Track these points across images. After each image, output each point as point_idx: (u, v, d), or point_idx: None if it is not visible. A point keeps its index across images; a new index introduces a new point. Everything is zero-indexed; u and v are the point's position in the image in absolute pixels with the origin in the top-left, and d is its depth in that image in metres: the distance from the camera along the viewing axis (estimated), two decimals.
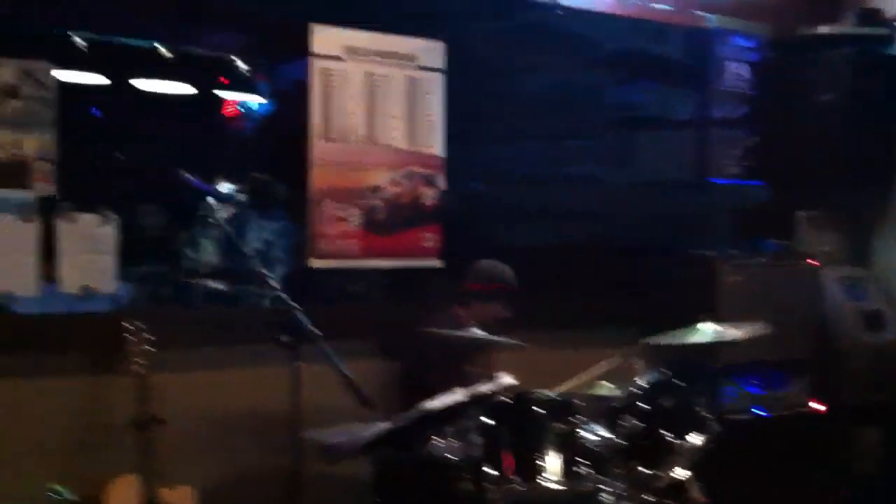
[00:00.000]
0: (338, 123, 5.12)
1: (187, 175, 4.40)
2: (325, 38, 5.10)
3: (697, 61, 6.36)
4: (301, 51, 5.11)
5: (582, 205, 5.88)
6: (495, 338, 4.35)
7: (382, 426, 3.78)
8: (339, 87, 5.12)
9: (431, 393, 3.84)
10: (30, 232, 4.29)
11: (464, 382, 3.96)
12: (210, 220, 4.75)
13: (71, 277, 4.38)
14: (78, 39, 4.86)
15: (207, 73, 5.80)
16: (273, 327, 3.90)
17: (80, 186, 4.55)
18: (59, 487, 4.11)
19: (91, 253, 4.41)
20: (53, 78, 4.38)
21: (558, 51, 5.76)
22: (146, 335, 4.22)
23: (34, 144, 4.31)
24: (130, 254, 4.61)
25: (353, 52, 5.16)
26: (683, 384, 4.19)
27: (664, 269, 5.63)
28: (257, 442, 4.59)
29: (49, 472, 4.24)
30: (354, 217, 5.15)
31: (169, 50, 5.35)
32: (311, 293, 4.62)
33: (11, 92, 4.25)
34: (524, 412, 3.79)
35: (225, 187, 5.38)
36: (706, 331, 4.49)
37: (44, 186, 4.34)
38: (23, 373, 4.21)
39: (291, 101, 5.25)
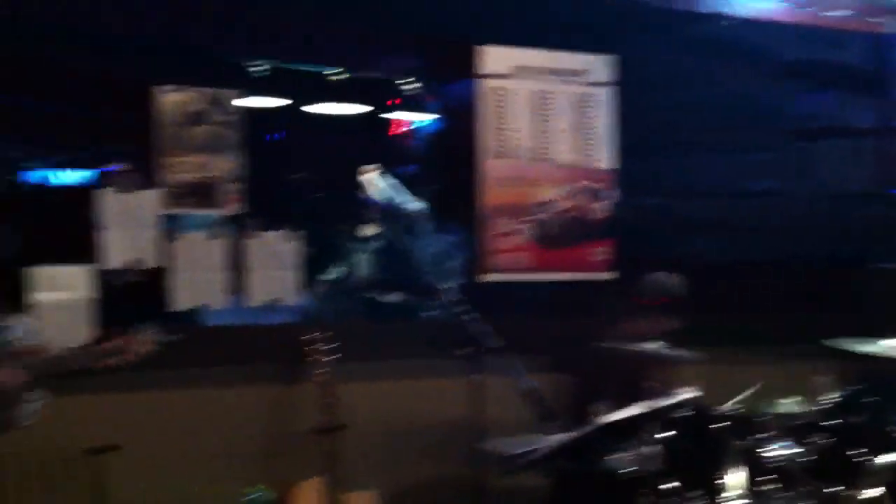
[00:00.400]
0: (507, 140, 5.20)
1: (366, 192, 4.54)
2: (494, 58, 5.19)
3: (876, 68, 6.14)
4: (469, 70, 5.22)
5: (760, 217, 5.74)
6: (671, 351, 4.30)
7: (560, 438, 3.79)
8: (508, 104, 5.21)
9: (606, 406, 3.83)
10: (219, 248, 4.54)
11: (640, 396, 3.93)
12: (387, 235, 4.89)
13: (258, 291, 4.61)
14: (260, 67, 5.11)
15: (379, 95, 6.00)
16: (452, 340, 3.97)
17: (265, 204, 4.78)
18: (255, 488, 4.30)
19: (276, 268, 4.63)
20: (239, 104, 4.64)
21: (733, 61, 5.66)
22: (329, 346, 4.40)
23: (223, 166, 4.57)
24: (313, 268, 4.81)
25: (522, 70, 5.23)
26: (874, 400, 4.04)
27: (849, 281, 5.44)
28: (437, 451, 4.69)
29: (238, 476, 4.44)
30: (525, 232, 5.22)
31: (343, 74, 5.56)
32: (482, 307, 4.69)
33: (201, 118, 4.52)
34: (705, 427, 3.74)
35: (400, 204, 5.53)
36: None
37: (232, 205, 4.60)
38: (213, 382, 4.44)
39: (459, 119, 5.36)
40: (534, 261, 5.23)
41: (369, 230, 5.14)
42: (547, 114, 5.26)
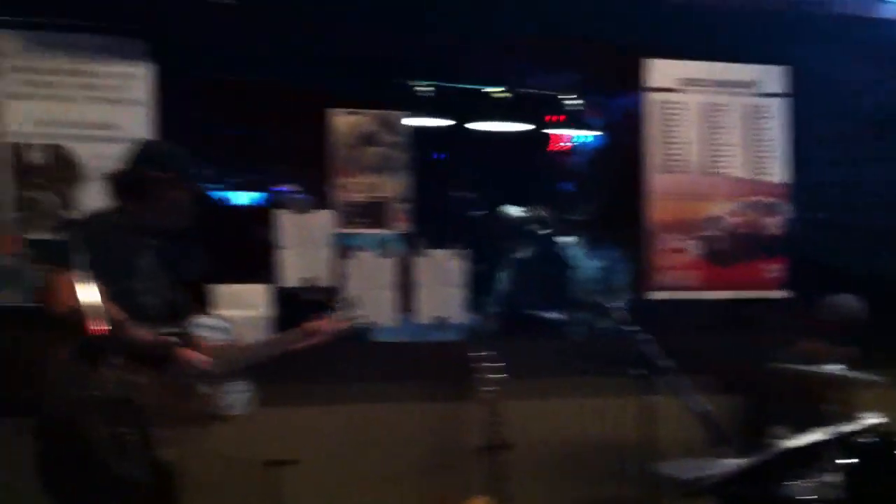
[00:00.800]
0: (675, 155, 5.10)
1: (545, 214, 4.54)
2: (661, 71, 5.11)
3: None
4: (634, 84, 5.16)
5: None
6: (853, 374, 4.12)
7: (737, 463, 3.69)
8: (676, 118, 5.11)
9: (784, 430, 3.70)
10: (389, 267, 4.64)
11: (820, 420, 3.78)
12: (552, 252, 4.88)
13: (425, 308, 4.69)
14: (426, 88, 5.20)
15: (541, 112, 6.01)
16: (620, 358, 3.93)
17: (433, 223, 4.86)
18: None
19: (444, 285, 4.70)
20: (407, 124, 4.73)
21: None
22: (495, 363, 4.39)
23: (392, 186, 4.66)
24: (480, 285, 4.85)
25: (690, 82, 5.13)
26: None
27: None
28: (605, 472, 4.61)
29: (405, 492, 4.52)
30: (693, 248, 5.11)
31: (505, 92, 5.59)
32: (649, 325, 4.61)
33: (372, 139, 4.63)
34: (891, 454, 3.56)
35: (564, 220, 5.51)
36: None
37: (401, 224, 4.69)
38: (382, 397, 4.52)
39: (625, 133, 5.30)
40: (703, 278, 5.10)
41: (534, 248, 5.15)
42: (716, 127, 5.14)
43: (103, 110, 4.14)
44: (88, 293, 2.70)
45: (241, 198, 5.17)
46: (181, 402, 3.29)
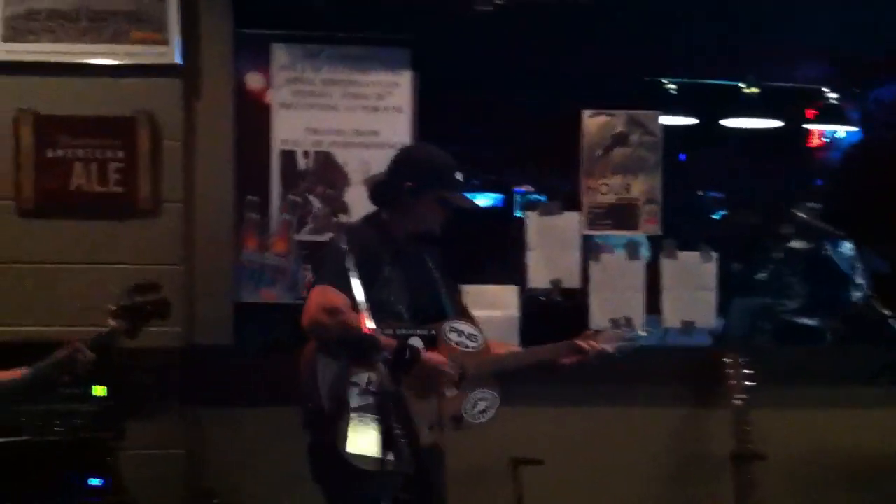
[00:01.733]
0: None
1: (800, 213, 4.39)
2: None
3: None
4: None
5: None
6: None
7: None
8: None
9: None
10: (637, 269, 4.59)
11: None
12: (809, 255, 4.70)
13: (673, 312, 4.61)
14: (675, 85, 5.12)
15: (794, 107, 5.78)
16: (885, 368, 3.73)
17: (681, 225, 4.78)
18: None
19: (693, 289, 4.61)
20: (659, 124, 4.65)
21: None
22: (746, 370, 4.28)
23: (641, 187, 4.61)
24: (730, 288, 4.72)
25: None
26: None
27: None
28: (863, 486, 4.41)
29: (649, 498, 4.47)
30: None
31: (755, 87, 5.42)
32: None
33: (622, 140, 4.60)
34: None
35: (821, 220, 5.29)
36: None
37: (650, 226, 4.63)
38: (628, 400, 4.44)
39: (887, 127, 5.02)
40: None
41: (788, 250, 4.98)
42: None
43: (367, 118, 4.33)
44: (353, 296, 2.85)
45: (493, 199, 5.28)
46: (428, 404, 3.37)
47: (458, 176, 3.52)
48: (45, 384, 3.06)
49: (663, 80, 5.21)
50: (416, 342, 3.33)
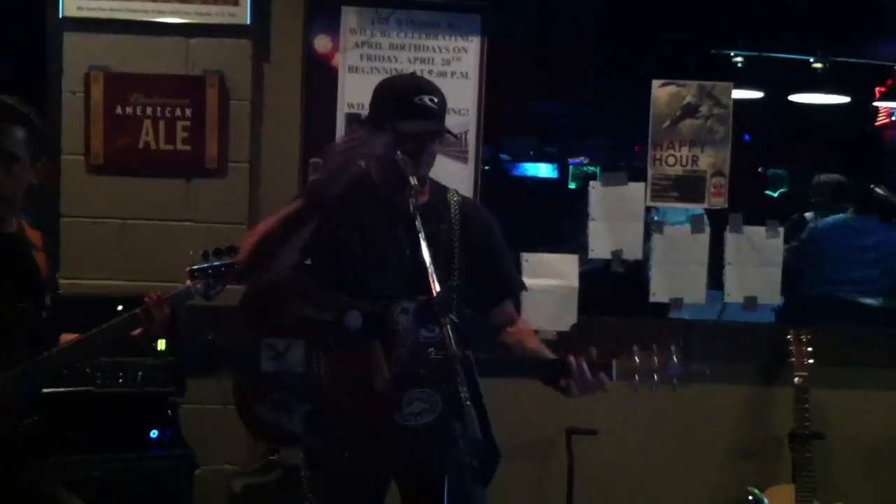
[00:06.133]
0: None
1: (878, 190, 4.29)
2: None
3: None
4: None
5: None
6: None
7: None
8: None
9: None
10: (700, 243, 4.52)
11: None
12: (875, 233, 4.61)
13: (736, 287, 4.53)
14: (746, 58, 5.01)
15: (863, 83, 5.64)
16: None
17: (747, 199, 4.69)
18: (756, 491, 4.26)
19: (757, 264, 4.53)
20: (731, 96, 4.55)
21: None
22: (810, 349, 4.22)
23: (709, 160, 4.53)
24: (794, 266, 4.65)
25: None
26: None
27: None
28: None
29: (705, 473, 4.45)
30: None
31: (824, 62, 5.28)
32: None
33: (691, 111, 4.53)
34: None
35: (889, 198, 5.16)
36: None
37: (716, 199, 4.55)
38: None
39: None
40: None
41: (855, 227, 4.88)
42: None
43: (434, 83, 4.28)
44: None
45: (558, 169, 5.24)
46: None
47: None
48: (121, 336, 3.11)
49: (731, 53, 5.10)
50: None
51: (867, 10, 4.67)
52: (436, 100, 2.90)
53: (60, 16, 4.17)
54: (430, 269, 2.55)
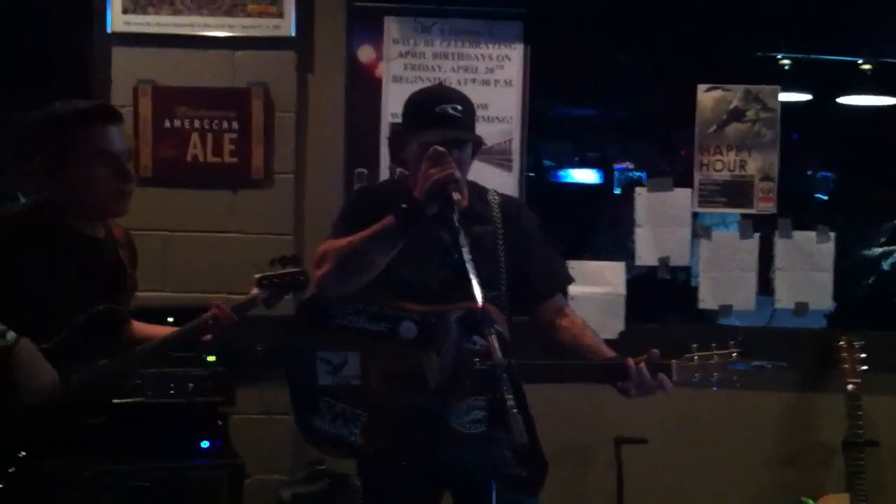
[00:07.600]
0: None
1: None
2: None
3: None
4: None
5: None
6: None
7: None
8: None
9: None
10: (749, 249, 4.48)
11: None
12: None
13: (786, 293, 4.48)
14: (791, 60, 4.95)
15: None
16: None
17: (797, 204, 4.63)
18: (810, 501, 4.20)
19: (807, 269, 4.48)
20: (778, 100, 4.50)
21: None
22: (861, 354, 4.16)
23: (756, 164, 4.48)
24: (845, 271, 4.57)
25: None
26: None
27: None
28: None
29: (754, 482, 4.39)
30: None
31: (872, 63, 5.20)
32: None
33: (738, 115, 4.48)
34: None
35: None
36: None
37: (764, 204, 4.50)
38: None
39: None
40: None
41: None
42: None
43: (477, 91, 4.22)
44: None
45: (602, 175, 5.21)
46: None
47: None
48: (187, 344, 3.12)
49: (777, 56, 5.04)
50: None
51: None
52: (459, 108, 2.92)
53: (109, 31, 4.24)
54: (474, 279, 2.51)
